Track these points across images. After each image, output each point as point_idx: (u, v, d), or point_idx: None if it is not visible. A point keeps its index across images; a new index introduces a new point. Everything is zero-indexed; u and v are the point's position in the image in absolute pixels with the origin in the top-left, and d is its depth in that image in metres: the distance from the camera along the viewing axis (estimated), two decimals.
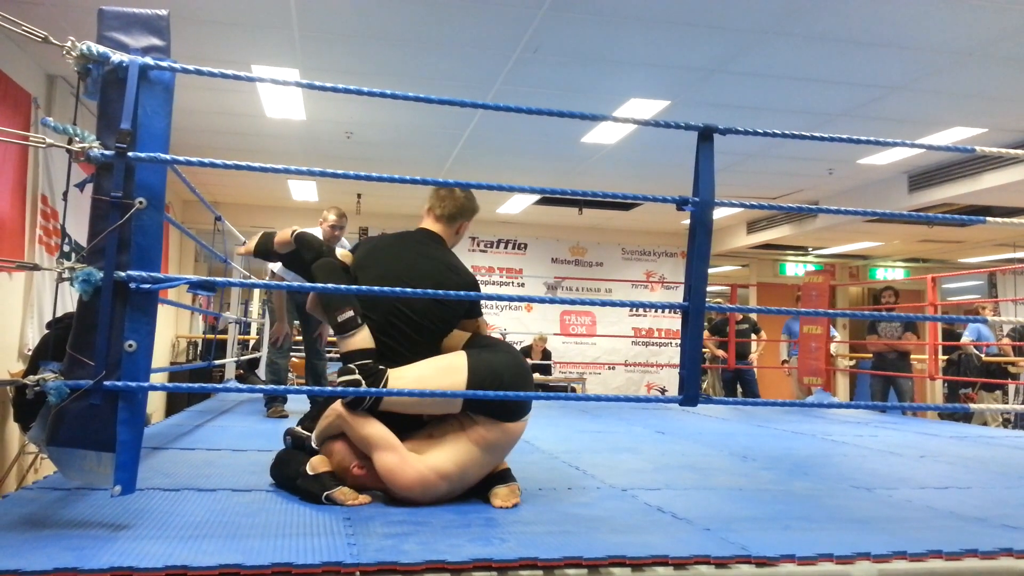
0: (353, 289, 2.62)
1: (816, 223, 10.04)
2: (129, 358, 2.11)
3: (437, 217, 2.97)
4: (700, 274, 2.48)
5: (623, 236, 12.40)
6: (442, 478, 2.56)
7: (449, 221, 2.97)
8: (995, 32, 4.88)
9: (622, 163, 8.36)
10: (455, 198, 2.96)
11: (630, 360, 11.77)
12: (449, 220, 2.97)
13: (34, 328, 5.62)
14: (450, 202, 2.96)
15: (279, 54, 5.55)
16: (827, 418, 6.32)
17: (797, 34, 5.00)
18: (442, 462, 2.57)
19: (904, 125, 6.74)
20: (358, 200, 10.27)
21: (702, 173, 2.50)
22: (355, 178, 2.46)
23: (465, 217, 3.01)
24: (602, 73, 5.76)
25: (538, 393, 2.73)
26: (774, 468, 3.66)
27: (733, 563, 2.05)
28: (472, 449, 2.60)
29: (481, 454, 2.62)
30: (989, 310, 9.80)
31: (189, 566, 1.83)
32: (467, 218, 3.02)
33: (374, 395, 2.55)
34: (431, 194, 2.99)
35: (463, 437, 2.61)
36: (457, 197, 2.97)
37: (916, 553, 2.16)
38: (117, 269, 2.09)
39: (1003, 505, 2.94)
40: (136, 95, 2.13)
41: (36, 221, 5.69)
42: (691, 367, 2.49)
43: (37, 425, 2.14)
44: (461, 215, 2.99)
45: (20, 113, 5.39)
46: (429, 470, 2.54)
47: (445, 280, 2.78)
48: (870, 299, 14.90)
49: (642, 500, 2.78)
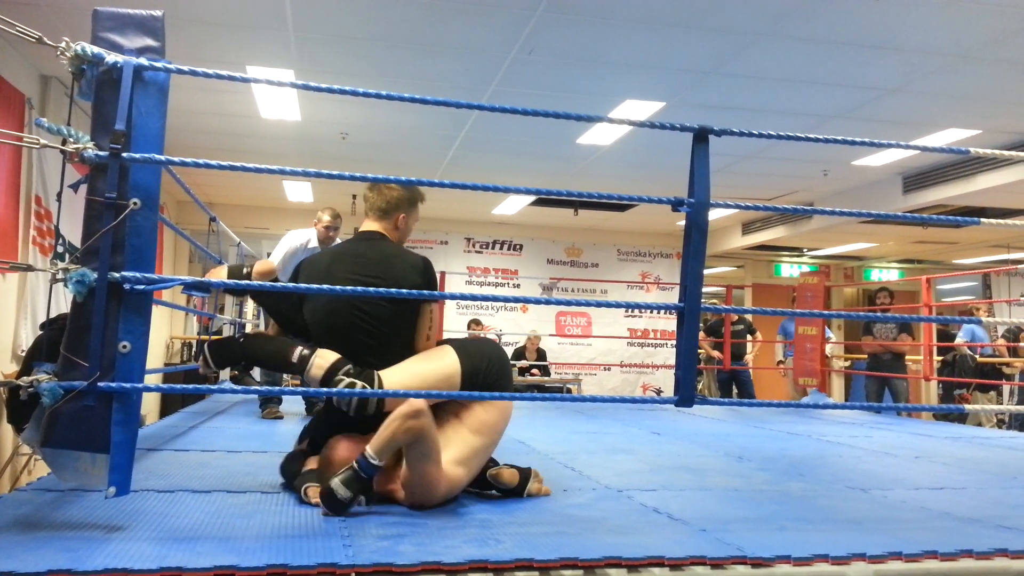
0: (290, 287, 2.73)
1: (811, 224, 10.06)
2: (123, 359, 2.10)
3: (371, 214, 2.90)
4: (695, 275, 2.48)
5: (619, 237, 12.41)
6: (465, 471, 2.59)
7: (383, 216, 2.88)
8: (989, 35, 4.89)
9: (618, 164, 8.36)
10: (384, 192, 2.87)
11: (626, 361, 11.78)
12: (383, 215, 2.88)
13: (27, 329, 5.60)
14: (379, 197, 2.87)
15: (274, 55, 5.55)
16: (822, 419, 6.33)
17: (792, 36, 5.01)
18: (456, 456, 2.57)
19: (898, 127, 6.76)
20: (353, 201, 10.26)
21: (697, 174, 2.50)
22: (350, 179, 2.45)
23: (402, 209, 2.89)
24: (597, 75, 5.76)
25: (531, 394, 2.73)
26: (770, 469, 3.67)
27: (729, 564, 2.05)
28: (475, 436, 2.62)
29: (483, 439, 2.63)
30: (983, 311, 9.85)
31: (184, 568, 1.82)
32: (404, 210, 2.90)
33: (380, 395, 2.52)
34: (364, 193, 2.94)
35: (463, 427, 2.62)
36: (388, 190, 2.87)
37: (911, 554, 2.16)
38: (111, 270, 2.08)
39: (998, 506, 2.94)
40: (130, 96, 2.12)
41: (30, 222, 5.68)
42: (687, 368, 2.49)
43: (31, 426, 2.14)
44: (396, 208, 2.88)
45: (14, 114, 5.38)
46: (451, 467, 2.54)
47: (390, 268, 2.74)
48: (865, 300, 14.93)
49: (638, 501, 2.78)
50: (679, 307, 2.49)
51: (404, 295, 2.48)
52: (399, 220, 2.90)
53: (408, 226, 2.94)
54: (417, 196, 2.95)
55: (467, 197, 10.26)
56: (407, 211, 2.91)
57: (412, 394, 2.47)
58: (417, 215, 2.98)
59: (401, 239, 2.93)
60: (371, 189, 2.88)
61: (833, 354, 10.03)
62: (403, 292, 2.48)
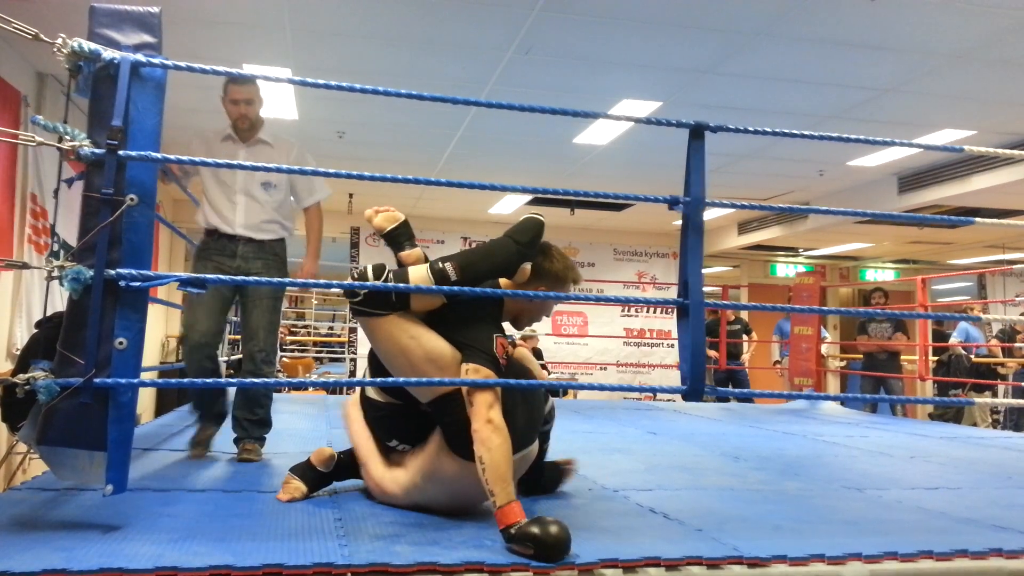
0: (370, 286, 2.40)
1: (807, 224, 10.07)
2: (119, 356, 2.09)
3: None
4: (695, 271, 2.48)
5: (615, 237, 12.41)
6: (399, 488, 2.55)
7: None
8: (985, 35, 4.91)
9: (614, 164, 8.37)
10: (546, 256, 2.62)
11: (622, 360, 11.78)
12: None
13: (23, 327, 5.58)
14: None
15: (271, 53, 5.54)
16: (818, 419, 6.34)
17: (787, 36, 5.02)
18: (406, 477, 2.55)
19: (894, 127, 6.77)
20: (350, 200, 10.26)
21: (693, 171, 2.50)
22: (346, 177, 2.45)
23: (545, 282, 2.61)
24: (594, 74, 5.76)
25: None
26: (765, 468, 3.67)
27: (725, 564, 2.06)
28: (425, 479, 2.50)
29: (433, 487, 2.49)
30: (978, 310, 9.86)
31: (179, 567, 1.82)
32: (547, 283, 2.61)
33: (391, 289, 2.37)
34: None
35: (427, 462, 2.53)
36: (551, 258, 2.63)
37: (907, 553, 2.17)
38: (107, 266, 2.08)
39: (993, 505, 2.95)
40: (127, 92, 2.12)
41: (25, 220, 5.65)
42: (695, 360, 2.44)
43: (28, 424, 2.13)
44: (539, 278, 2.60)
45: (9, 111, 5.36)
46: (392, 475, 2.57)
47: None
48: (860, 300, 14.95)
49: (634, 501, 2.78)
50: (683, 302, 2.48)
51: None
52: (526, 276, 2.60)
53: (546, 303, 2.69)
54: (567, 278, 2.67)
55: (464, 196, 10.26)
56: (542, 282, 2.62)
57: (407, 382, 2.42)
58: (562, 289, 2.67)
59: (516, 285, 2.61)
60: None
61: (829, 354, 10.05)
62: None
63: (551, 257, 2.63)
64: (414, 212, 10.83)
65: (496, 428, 2.24)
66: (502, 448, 2.22)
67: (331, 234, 11.40)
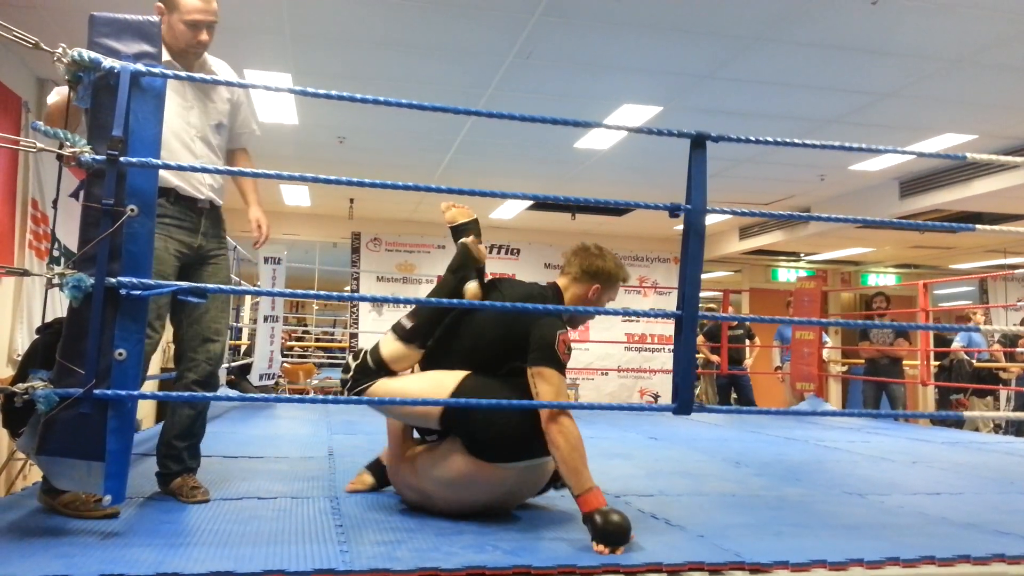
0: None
1: (808, 229, 10.08)
2: (119, 366, 2.09)
3: (563, 274, 2.81)
4: (693, 281, 2.47)
5: (616, 242, 12.37)
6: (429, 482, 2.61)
7: (575, 280, 2.75)
8: (985, 39, 4.91)
9: (615, 168, 8.37)
10: (582, 255, 2.76)
11: (623, 365, 11.77)
12: (575, 279, 2.75)
13: (23, 333, 5.58)
14: (575, 260, 2.76)
15: (271, 58, 5.54)
16: (819, 424, 6.34)
17: (788, 41, 5.02)
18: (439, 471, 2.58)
19: (895, 132, 6.77)
20: (351, 205, 10.26)
21: (695, 180, 2.50)
22: (347, 183, 2.45)
23: (599, 280, 2.72)
24: (595, 79, 5.77)
25: (529, 401, 2.49)
26: (767, 474, 3.67)
27: (727, 570, 2.05)
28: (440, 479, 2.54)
29: (444, 489, 2.53)
30: (980, 316, 9.85)
31: (180, 573, 1.82)
32: (601, 281, 2.73)
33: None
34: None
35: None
36: (587, 254, 2.75)
37: (909, 559, 2.16)
38: (108, 276, 2.08)
39: (995, 511, 2.94)
40: (127, 102, 2.11)
41: (26, 226, 5.66)
42: (685, 375, 2.47)
43: (27, 434, 2.13)
44: (594, 276, 2.72)
45: (10, 117, 5.37)
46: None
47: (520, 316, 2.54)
48: (862, 305, 14.94)
49: (635, 507, 2.78)
50: (676, 315, 2.48)
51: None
52: (592, 290, 2.74)
53: (599, 300, 2.76)
54: (616, 275, 2.77)
55: (464, 201, 10.23)
56: (602, 284, 2.74)
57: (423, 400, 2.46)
58: (613, 294, 2.80)
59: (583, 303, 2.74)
60: (572, 251, 2.79)
61: (830, 358, 10.03)
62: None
63: (603, 256, 2.76)
64: (414, 217, 10.83)
65: (561, 428, 2.36)
66: (568, 444, 2.34)
67: (332, 239, 11.42)
